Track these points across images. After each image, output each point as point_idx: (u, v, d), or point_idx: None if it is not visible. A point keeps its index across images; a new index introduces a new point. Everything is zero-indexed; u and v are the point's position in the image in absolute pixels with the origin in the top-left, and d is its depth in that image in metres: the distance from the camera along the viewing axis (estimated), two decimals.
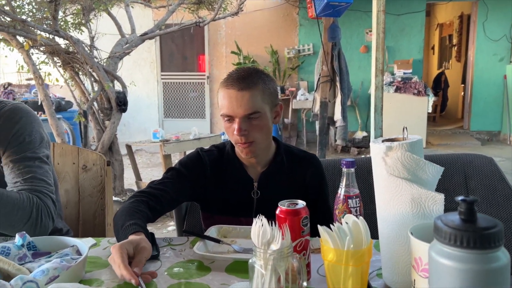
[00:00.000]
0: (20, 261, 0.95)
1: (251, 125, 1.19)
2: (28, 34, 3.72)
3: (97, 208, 1.71)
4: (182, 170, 1.29)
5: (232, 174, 1.30)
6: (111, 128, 4.04)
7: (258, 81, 1.20)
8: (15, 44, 3.74)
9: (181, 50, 8.33)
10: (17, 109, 1.23)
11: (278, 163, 1.31)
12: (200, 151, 1.35)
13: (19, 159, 1.18)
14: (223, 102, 1.20)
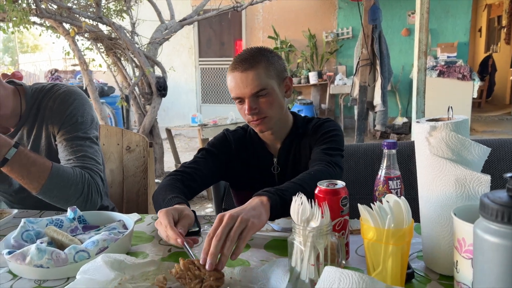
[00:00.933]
0: (72, 233, 1.02)
1: (260, 102, 1.22)
2: (74, 21, 3.86)
3: (140, 188, 1.78)
4: (212, 150, 1.35)
5: (255, 151, 1.36)
6: (151, 113, 4.15)
7: (261, 59, 1.22)
8: (61, 31, 3.89)
9: (218, 36, 8.37)
10: (71, 91, 1.31)
11: (294, 136, 1.34)
12: (225, 131, 1.41)
13: (71, 138, 1.26)
14: (231, 85, 1.24)
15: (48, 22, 3.99)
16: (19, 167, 1.09)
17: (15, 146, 1.08)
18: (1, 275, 0.87)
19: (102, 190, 1.27)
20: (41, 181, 1.12)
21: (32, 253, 0.84)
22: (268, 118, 1.24)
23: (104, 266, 0.79)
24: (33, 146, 1.31)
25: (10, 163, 1.07)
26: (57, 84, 1.35)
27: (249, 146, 1.36)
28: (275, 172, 1.34)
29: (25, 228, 0.96)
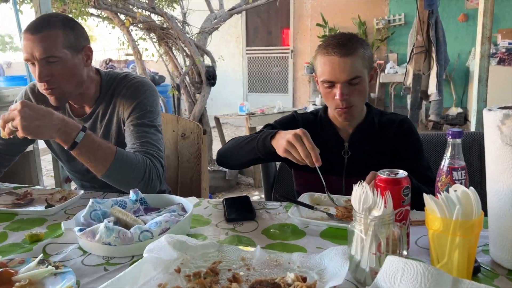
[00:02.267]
0: (134, 213, 1.06)
1: (352, 89, 1.22)
2: (128, 12, 3.99)
3: (193, 173, 1.83)
4: (277, 127, 1.37)
5: (325, 135, 1.36)
6: (201, 101, 4.23)
7: (358, 46, 1.22)
8: (117, 22, 4.04)
9: (265, 25, 8.34)
10: (144, 82, 1.40)
11: (368, 124, 1.35)
12: (295, 113, 1.44)
13: (138, 124, 1.33)
14: (324, 68, 1.23)
15: (104, 13, 4.16)
16: (87, 150, 1.15)
17: (83, 130, 1.15)
18: (73, 251, 0.93)
19: (162, 175, 1.32)
20: (106, 164, 1.18)
21: (101, 231, 0.89)
22: (354, 107, 1.25)
23: (167, 246, 0.82)
24: (105, 130, 1.39)
25: (79, 146, 1.14)
26: (129, 74, 1.43)
27: (319, 129, 1.37)
28: (345, 156, 1.34)
29: (93, 208, 1.02)
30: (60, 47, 1.23)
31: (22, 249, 0.94)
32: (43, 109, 1.10)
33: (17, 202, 1.23)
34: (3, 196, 1.26)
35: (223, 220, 1.10)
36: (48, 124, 1.09)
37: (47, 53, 1.21)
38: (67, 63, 1.25)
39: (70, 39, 1.25)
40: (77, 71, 1.29)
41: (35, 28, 1.22)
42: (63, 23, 1.25)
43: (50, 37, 1.21)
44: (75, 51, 1.27)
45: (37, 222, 1.10)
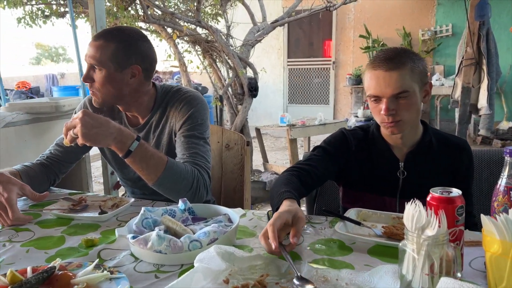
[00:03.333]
0: (183, 223, 1.09)
1: (399, 104, 1.19)
2: (175, 25, 4.13)
3: (236, 184, 1.85)
4: (328, 148, 1.35)
5: (377, 153, 1.32)
6: (243, 112, 4.29)
7: (407, 60, 1.18)
8: (164, 35, 4.19)
9: (307, 36, 8.36)
10: (197, 96, 1.46)
11: (425, 144, 1.30)
12: (344, 130, 1.40)
13: (189, 136, 1.38)
14: (370, 83, 1.21)
15: (152, 26, 4.32)
16: (140, 159, 1.20)
17: (137, 139, 1.20)
18: (125, 257, 0.97)
19: (209, 185, 1.35)
20: (157, 173, 1.22)
21: (153, 239, 0.92)
22: (402, 121, 1.21)
23: (216, 256, 0.84)
24: (157, 140, 1.45)
25: (133, 154, 1.19)
26: (182, 87, 1.50)
27: (372, 147, 1.34)
28: (400, 177, 1.30)
29: (145, 216, 1.06)
30: (105, 59, 1.31)
31: (79, 253, 0.99)
32: (102, 118, 1.15)
33: (73, 207, 1.30)
34: (60, 202, 1.33)
35: None
36: (106, 132, 1.14)
37: (93, 61, 1.31)
38: (107, 74, 1.32)
39: (119, 55, 1.32)
40: (116, 85, 1.34)
41: (97, 36, 1.34)
42: (121, 39, 1.33)
43: (101, 47, 1.31)
44: (121, 66, 1.33)
45: (91, 228, 1.15)
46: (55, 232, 1.12)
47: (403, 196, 1.29)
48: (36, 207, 1.32)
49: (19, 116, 2.61)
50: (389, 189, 1.30)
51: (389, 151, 1.31)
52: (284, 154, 6.13)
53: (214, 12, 5.41)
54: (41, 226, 1.17)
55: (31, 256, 0.98)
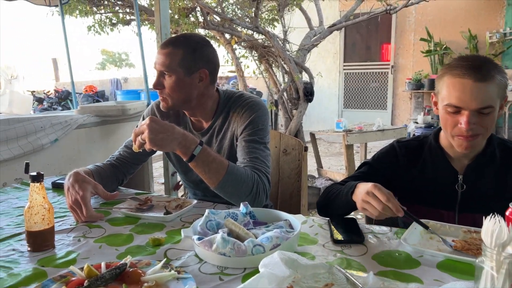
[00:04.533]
0: (245, 226, 1.10)
1: (481, 119, 1.11)
2: (233, 31, 4.22)
3: (293, 189, 1.85)
4: (374, 165, 1.34)
5: (434, 165, 1.27)
6: (297, 117, 4.28)
7: (495, 73, 1.10)
8: (223, 41, 4.29)
9: (364, 40, 8.18)
10: (258, 102, 1.49)
11: (487, 156, 1.22)
12: (395, 143, 1.36)
13: (250, 141, 1.41)
14: (451, 91, 1.12)
15: (211, 32, 4.44)
16: (202, 163, 1.25)
17: (200, 144, 1.24)
18: (190, 258, 0.99)
19: (268, 190, 1.37)
20: (219, 177, 1.25)
21: (218, 241, 0.94)
22: (479, 137, 1.13)
23: (280, 262, 0.84)
24: (219, 145, 1.49)
25: (196, 159, 1.23)
26: (244, 93, 1.53)
27: (427, 158, 1.29)
28: (459, 190, 1.24)
29: (209, 218, 1.08)
30: (175, 65, 1.36)
31: (146, 252, 1.03)
32: (167, 124, 1.21)
33: (139, 207, 1.36)
34: (128, 201, 1.40)
35: (330, 241, 1.09)
36: (171, 138, 1.20)
37: (163, 67, 1.37)
38: (177, 80, 1.38)
39: (187, 60, 1.38)
40: (185, 89, 1.40)
41: (164, 44, 1.39)
42: (188, 45, 1.39)
43: (170, 54, 1.37)
44: (189, 71, 1.39)
45: (157, 227, 1.20)
46: (124, 230, 1.18)
47: (463, 209, 1.22)
48: (106, 205, 1.39)
49: (89, 119, 2.79)
50: (446, 202, 1.24)
51: (447, 163, 1.25)
52: (339, 160, 6.03)
53: (271, 17, 5.46)
54: (111, 223, 1.23)
55: (104, 252, 1.04)
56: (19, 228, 1.19)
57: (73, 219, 1.26)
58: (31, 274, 0.91)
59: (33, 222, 1.03)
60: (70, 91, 8.99)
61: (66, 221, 1.25)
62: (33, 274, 0.91)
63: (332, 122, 4.57)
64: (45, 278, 0.88)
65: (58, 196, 1.50)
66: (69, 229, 1.19)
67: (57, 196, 1.50)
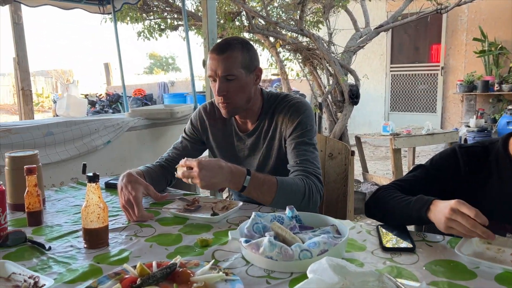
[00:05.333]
0: (291, 230, 1.10)
1: None
2: (278, 34, 4.22)
3: (339, 194, 1.82)
4: (431, 170, 1.25)
5: (501, 175, 1.17)
6: (342, 120, 4.21)
7: None
8: (267, 44, 4.31)
9: (412, 41, 7.92)
10: (303, 102, 1.51)
11: None
12: (457, 148, 1.24)
13: (299, 143, 1.43)
14: None
15: (256, 36, 4.47)
16: (254, 189, 1.29)
17: (248, 173, 1.28)
18: (237, 260, 1.00)
19: (321, 189, 1.39)
20: (271, 195, 1.30)
21: (265, 244, 0.94)
22: None
23: (329, 268, 0.83)
24: (268, 146, 1.52)
25: (248, 188, 1.28)
26: (289, 94, 1.56)
27: (493, 167, 1.19)
28: None
29: (255, 221, 1.09)
30: (237, 67, 1.40)
31: (195, 252, 1.05)
32: (215, 167, 1.24)
33: (187, 208, 1.39)
34: (176, 201, 1.44)
35: (378, 248, 1.06)
36: (221, 180, 1.25)
37: (227, 72, 1.40)
38: (241, 81, 1.42)
39: (246, 60, 1.42)
40: (248, 88, 1.45)
41: (220, 50, 1.41)
42: (242, 46, 1.43)
43: (231, 57, 1.40)
44: (249, 71, 1.44)
45: (204, 228, 1.22)
46: (173, 230, 1.21)
47: None
48: (156, 205, 1.44)
49: (139, 121, 2.90)
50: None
51: None
52: (385, 164, 5.87)
53: (315, 19, 5.41)
54: (161, 223, 1.27)
55: (154, 251, 1.07)
56: (76, 226, 1.25)
57: (125, 218, 1.31)
58: (88, 270, 0.96)
59: (89, 220, 1.08)
60: (120, 95, 9.41)
61: (119, 220, 1.30)
62: (90, 270, 0.96)
63: (378, 125, 4.46)
64: (100, 275, 0.92)
65: (111, 195, 1.57)
66: (121, 227, 1.24)
67: (110, 196, 1.56)
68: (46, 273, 0.94)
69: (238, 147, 1.59)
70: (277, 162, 1.52)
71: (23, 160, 1.34)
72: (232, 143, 1.59)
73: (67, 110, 3.26)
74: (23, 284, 0.87)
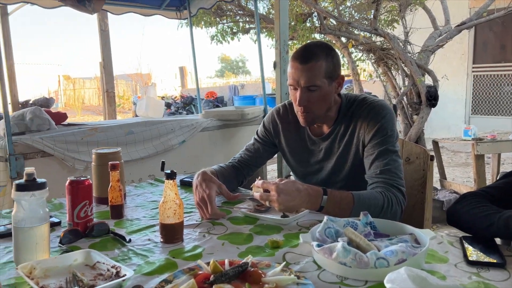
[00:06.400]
0: (365, 237, 1.06)
1: None
2: (350, 34, 4.12)
3: (416, 201, 1.72)
4: None
5: None
6: (419, 123, 3.99)
7: None
8: (339, 45, 4.22)
9: (499, 38, 7.31)
10: (384, 105, 1.43)
11: None
12: None
13: (380, 151, 1.36)
14: None
15: (327, 37, 4.40)
16: (332, 207, 1.25)
17: (325, 193, 1.24)
18: (308, 264, 0.98)
19: (403, 202, 1.32)
20: (348, 211, 1.25)
21: (338, 250, 0.91)
22: None
23: (408, 279, 0.78)
24: (343, 150, 1.47)
25: (325, 207, 1.25)
26: (367, 97, 1.48)
27: None
28: None
29: (327, 225, 1.06)
30: (321, 77, 1.36)
31: (265, 253, 1.05)
32: (293, 191, 1.21)
33: (257, 208, 1.40)
34: (247, 201, 1.45)
35: (462, 261, 0.98)
36: (299, 202, 1.23)
37: (310, 82, 1.36)
38: (323, 91, 1.38)
39: (330, 69, 1.38)
40: (329, 97, 1.41)
41: (303, 59, 1.36)
42: (326, 54, 1.37)
43: (314, 68, 1.35)
44: (331, 79, 1.39)
45: (274, 229, 1.22)
46: (244, 229, 1.22)
47: None
48: (227, 204, 1.46)
49: (212, 122, 3.00)
50: None
51: None
52: (464, 171, 5.47)
53: (390, 18, 5.20)
54: (232, 222, 1.29)
55: (226, 249, 1.09)
56: (153, 220, 1.31)
57: (198, 215, 1.35)
58: (164, 263, 0.99)
59: (166, 216, 1.12)
60: (193, 97, 9.79)
61: (193, 217, 1.34)
62: (166, 264, 0.99)
63: (457, 129, 4.16)
64: (175, 269, 0.95)
65: (186, 193, 1.63)
66: (195, 224, 1.27)
67: (184, 193, 1.62)
68: (126, 264, 1.00)
69: (311, 151, 1.55)
70: (352, 167, 1.47)
71: (108, 157, 1.44)
72: (305, 147, 1.56)
73: (146, 110, 3.46)
74: (106, 273, 0.93)
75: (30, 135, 2.53)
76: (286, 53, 2.48)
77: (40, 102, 6.42)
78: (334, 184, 1.50)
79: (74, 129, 2.73)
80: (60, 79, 19.65)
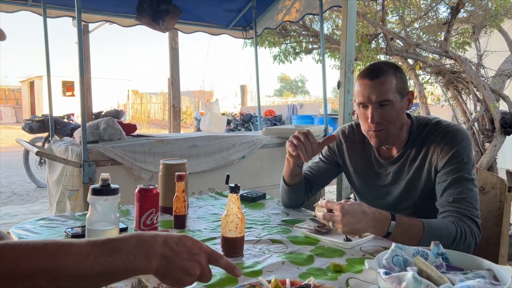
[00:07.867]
0: (437, 269, 0.99)
1: None
2: (418, 56, 3.98)
3: (490, 235, 1.59)
4: None
5: None
6: (491, 151, 3.73)
7: None
8: (405, 67, 4.09)
9: None
10: (460, 130, 1.36)
11: None
12: None
13: (456, 178, 1.28)
14: None
15: (393, 58, 4.29)
16: (400, 234, 1.18)
17: (393, 218, 1.18)
18: None
19: (478, 235, 1.23)
20: (417, 239, 1.19)
21: (408, 280, 0.86)
22: None
23: None
24: (414, 175, 1.40)
25: (393, 234, 1.19)
26: (441, 120, 1.42)
27: None
28: None
29: (395, 252, 1.01)
30: (393, 91, 1.33)
31: (328, 276, 1.02)
32: (359, 213, 1.16)
33: (318, 229, 1.36)
34: (307, 221, 1.43)
35: None
36: (365, 226, 1.17)
37: (383, 97, 1.32)
38: (396, 107, 1.34)
39: (400, 84, 1.34)
40: (401, 114, 1.36)
41: (373, 74, 1.34)
42: (394, 70, 1.35)
43: (386, 82, 1.32)
44: (402, 95, 1.36)
45: (336, 253, 1.18)
46: (304, 250, 1.20)
47: None
48: (286, 222, 1.44)
49: (271, 140, 3.01)
50: None
51: None
52: None
53: (461, 41, 4.98)
54: (292, 241, 1.27)
55: (286, 268, 1.07)
56: (214, 233, 1.32)
57: (257, 232, 1.34)
58: (225, 277, 0.99)
59: (228, 229, 1.13)
60: (252, 115, 9.93)
61: (252, 233, 1.34)
62: (226, 278, 0.99)
63: None
64: (236, 284, 0.95)
65: (245, 208, 1.63)
66: (254, 240, 1.26)
67: (243, 208, 1.63)
68: None
69: (378, 174, 1.50)
70: (422, 194, 1.40)
71: (174, 168, 1.48)
72: (372, 169, 1.51)
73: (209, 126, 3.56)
74: None
75: (103, 144, 2.69)
76: (351, 73, 2.44)
77: (112, 113, 6.85)
78: (401, 211, 1.43)
79: (143, 140, 2.87)
80: (129, 93, 20.90)
